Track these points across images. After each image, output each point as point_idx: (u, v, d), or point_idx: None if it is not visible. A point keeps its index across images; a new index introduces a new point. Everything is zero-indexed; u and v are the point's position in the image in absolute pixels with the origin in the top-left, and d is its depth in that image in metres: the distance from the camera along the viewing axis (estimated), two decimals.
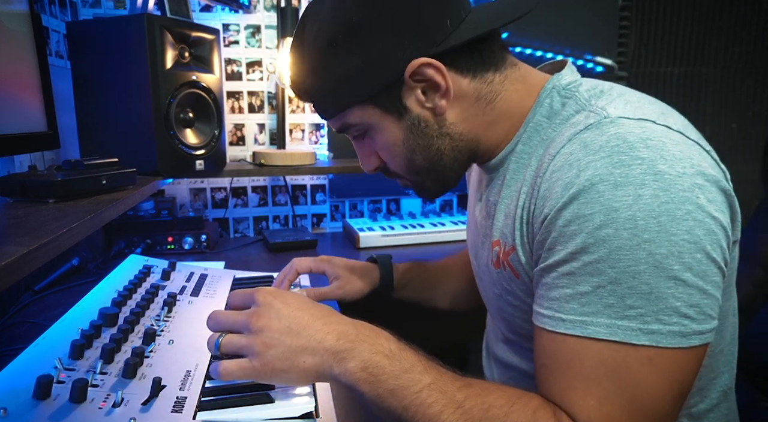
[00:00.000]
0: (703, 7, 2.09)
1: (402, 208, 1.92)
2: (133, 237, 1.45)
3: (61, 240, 0.65)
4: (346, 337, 0.56)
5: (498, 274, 0.69)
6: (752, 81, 2.19)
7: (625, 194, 0.50)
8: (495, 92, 0.66)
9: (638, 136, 0.53)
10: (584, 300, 0.52)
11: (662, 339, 0.49)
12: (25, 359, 0.64)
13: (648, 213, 0.49)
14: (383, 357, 0.55)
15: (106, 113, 1.26)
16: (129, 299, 0.85)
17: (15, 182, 0.86)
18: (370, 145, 0.72)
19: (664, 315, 0.49)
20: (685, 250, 0.49)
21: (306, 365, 0.56)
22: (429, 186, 0.74)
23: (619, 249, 0.50)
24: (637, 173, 0.51)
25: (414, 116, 0.66)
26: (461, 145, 0.68)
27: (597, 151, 0.53)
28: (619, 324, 0.50)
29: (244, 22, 1.70)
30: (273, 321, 0.58)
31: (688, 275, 0.50)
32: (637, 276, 0.49)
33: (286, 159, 1.60)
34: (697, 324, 0.50)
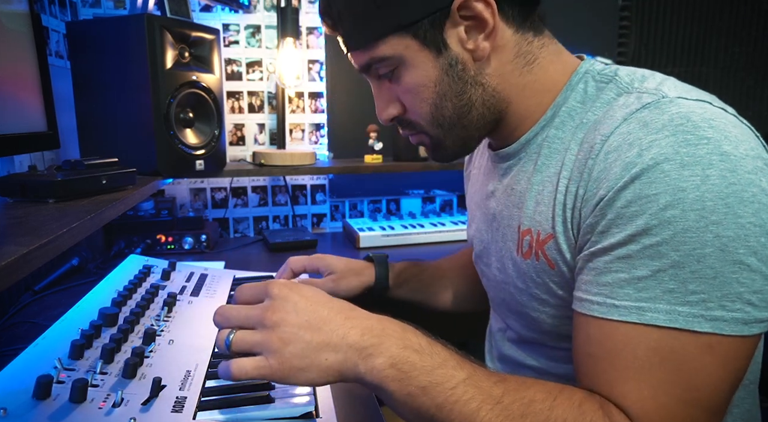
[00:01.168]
0: (703, 7, 2.09)
1: (402, 207, 1.92)
2: (133, 237, 1.45)
3: (61, 240, 0.65)
4: (372, 332, 0.52)
5: (527, 265, 0.66)
6: (752, 81, 2.19)
7: (693, 174, 0.48)
8: (533, 55, 0.64)
9: (701, 116, 0.51)
10: (641, 285, 0.49)
11: (725, 326, 0.47)
12: (25, 359, 0.64)
13: (716, 194, 0.47)
14: (413, 352, 0.51)
15: (106, 113, 1.26)
16: (129, 299, 0.85)
17: (15, 182, 0.86)
18: (393, 89, 0.66)
19: (728, 301, 0.47)
20: (751, 234, 0.48)
21: (328, 363, 0.52)
22: (449, 143, 0.68)
23: (685, 232, 0.48)
24: (703, 153, 0.49)
25: (453, 55, 0.61)
26: (492, 101, 0.65)
27: (660, 129, 0.51)
28: (680, 310, 0.48)
29: (244, 22, 1.70)
30: (290, 315, 0.53)
31: (753, 260, 0.48)
32: (702, 259, 0.47)
33: (286, 159, 1.60)
34: (759, 311, 0.48)
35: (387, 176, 1.89)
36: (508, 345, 0.79)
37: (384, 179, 1.89)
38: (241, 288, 0.60)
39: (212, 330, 0.80)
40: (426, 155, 1.69)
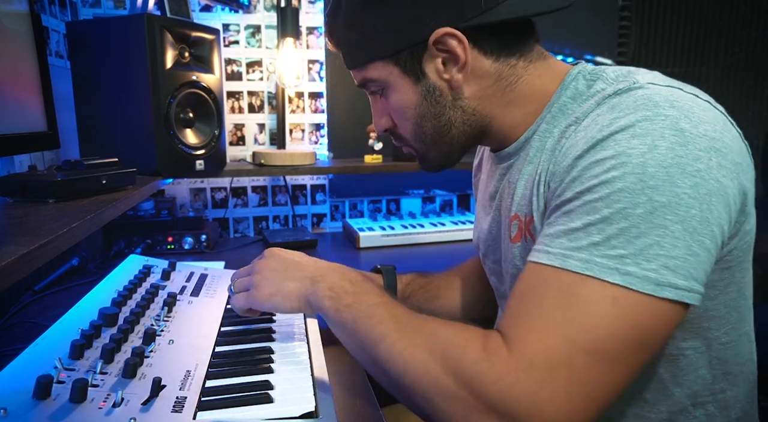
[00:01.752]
0: (703, 7, 2.09)
1: (402, 207, 1.92)
2: (133, 237, 1.45)
3: (61, 240, 0.65)
4: (323, 269, 0.71)
5: (518, 248, 0.69)
6: (752, 81, 2.19)
7: (642, 143, 0.51)
8: (517, 76, 0.68)
9: (665, 97, 0.55)
10: (573, 235, 0.53)
11: (635, 281, 0.49)
12: (25, 359, 0.64)
13: (659, 162, 0.50)
14: (348, 282, 0.68)
15: (106, 113, 1.26)
16: (129, 299, 0.85)
17: (15, 182, 0.86)
18: (385, 105, 0.73)
19: (644, 260, 0.49)
20: (683, 204, 0.50)
21: (289, 289, 0.72)
22: (432, 157, 0.75)
23: (620, 191, 0.51)
24: (658, 127, 0.52)
25: (430, 83, 0.68)
26: (472, 119, 0.70)
27: (623, 109, 0.55)
28: (598, 261, 0.50)
29: (244, 22, 1.70)
30: (271, 262, 0.76)
31: (679, 228, 0.50)
32: (629, 218, 0.50)
33: (286, 159, 1.60)
34: (675, 277, 0.49)
35: (387, 176, 1.89)
36: None
37: (384, 179, 1.89)
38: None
39: (212, 330, 0.81)
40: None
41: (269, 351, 0.74)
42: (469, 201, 1.97)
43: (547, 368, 0.49)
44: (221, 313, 0.88)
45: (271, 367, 0.69)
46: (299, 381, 0.67)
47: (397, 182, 1.91)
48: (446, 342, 0.55)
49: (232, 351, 0.75)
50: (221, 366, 0.70)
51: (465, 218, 1.79)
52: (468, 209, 1.98)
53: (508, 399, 0.49)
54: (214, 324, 0.83)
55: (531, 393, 0.49)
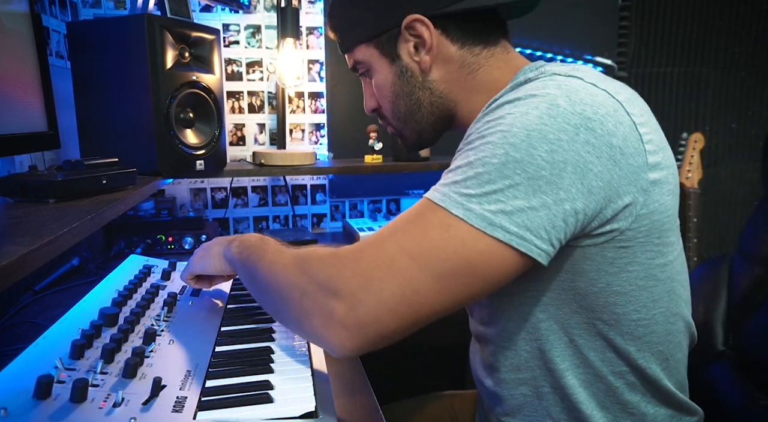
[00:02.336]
0: (703, 7, 2.10)
1: (402, 207, 1.93)
2: (133, 237, 1.45)
3: (61, 240, 0.65)
4: (242, 236, 0.81)
5: None
6: (752, 81, 2.19)
7: (517, 110, 0.59)
8: (478, 64, 0.75)
9: (557, 82, 0.61)
10: (447, 175, 0.61)
11: (471, 216, 0.56)
12: (26, 359, 0.64)
13: (524, 125, 0.57)
14: (257, 239, 0.77)
15: (107, 113, 1.26)
16: (129, 299, 0.85)
17: (15, 182, 0.86)
18: (371, 86, 0.83)
19: (486, 202, 0.56)
20: (535, 164, 0.55)
21: (214, 251, 0.84)
22: (407, 134, 0.84)
23: (487, 143, 0.58)
24: (536, 101, 0.59)
25: (404, 64, 0.77)
26: (439, 102, 0.78)
27: (520, 90, 0.62)
28: (452, 196, 0.57)
29: (244, 22, 1.70)
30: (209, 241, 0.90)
31: (524, 184, 0.55)
32: (485, 165, 0.57)
33: (286, 159, 1.60)
34: (509, 223, 0.55)
35: (387, 176, 1.89)
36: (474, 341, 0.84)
37: (384, 179, 1.89)
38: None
39: (212, 330, 0.81)
40: (426, 155, 1.69)
41: (269, 351, 0.75)
42: None
43: (373, 260, 0.57)
44: (221, 313, 0.88)
45: (271, 367, 0.69)
46: (299, 380, 0.67)
47: (397, 182, 1.91)
48: (311, 253, 0.65)
49: (233, 351, 0.75)
50: (221, 366, 0.70)
51: None
52: None
53: (335, 278, 0.58)
54: (214, 324, 0.83)
55: (351, 276, 0.58)
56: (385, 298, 0.56)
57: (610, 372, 0.67)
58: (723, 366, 1.00)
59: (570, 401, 0.68)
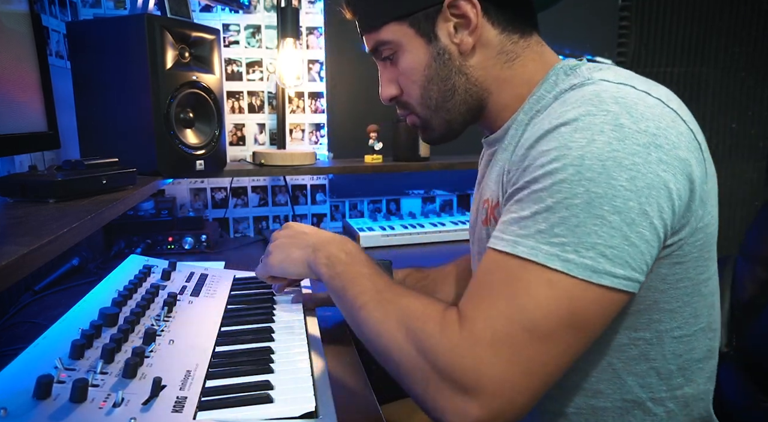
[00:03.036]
0: (703, 7, 2.09)
1: (402, 207, 1.92)
2: (133, 237, 1.45)
3: (61, 240, 0.65)
4: (324, 239, 0.80)
5: (485, 232, 0.73)
6: (752, 81, 2.19)
7: (582, 137, 0.55)
8: (515, 54, 0.72)
9: (611, 94, 0.57)
10: (523, 223, 0.56)
11: (573, 268, 0.52)
12: (26, 359, 0.64)
13: (597, 155, 0.53)
14: (343, 253, 0.75)
15: (106, 113, 1.26)
16: (129, 299, 0.85)
17: (15, 182, 0.86)
18: (393, 72, 0.76)
19: (583, 248, 0.52)
20: (620, 195, 0.53)
21: (295, 255, 0.82)
22: (435, 124, 0.77)
23: (561, 182, 0.54)
24: (599, 122, 0.55)
25: (441, 46, 0.71)
26: (474, 90, 0.73)
27: (572, 103, 0.58)
28: (542, 248, 0.54)
29: (244, 22, 1.70)
30: (284, 236, 0.86)
31: (615, 218, 0.52)
32: (569, 208, 0.53)
33: (286, 159, 1.60)
34: (611, 266, 0.52)
35: (387, 176, 1.89)
36: None
37: (384, 179, 1.89)
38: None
39: (212, 330, 0.81)
40: (426, 155, 1.69)
41: (269, 351, 0.74)
42: (469, 201, 1.97)
43: (490, 344, 0.53)
44: (221, 313, 0.88)
45: (271, 367, 0.69)
46: (299, 381, 0.67)
47: (397, 182, 1.91)
48: (412, 314, 0.60)
49: (233, 351, 0.75)
50: (221, 366, 0.70)
51: (465, 218, 1.79)
52: (468, 209, 1.97)
53: (458, 371, 0.54)
54: (214, 324, 0.83)
55: (476, 367, 0.53)
56: (516, 383, 0.52)
57: (650, 399, 0.65)
58: (726, 367, 1.00)
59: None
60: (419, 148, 1.67)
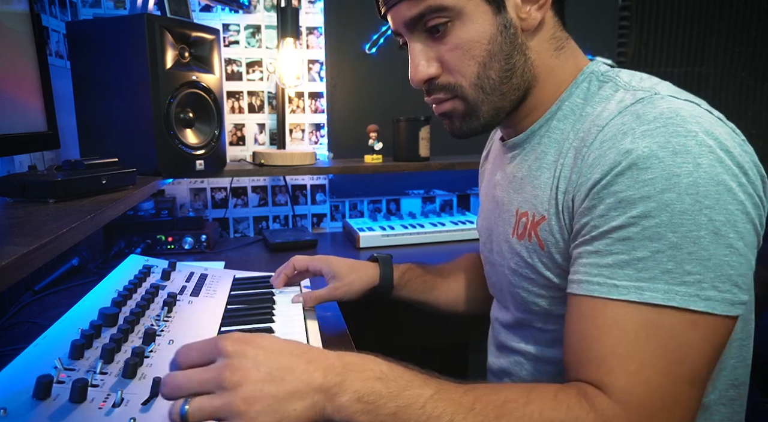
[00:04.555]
0: (703, 7, 2.09)
1: (402, 207, 1.92)
2: (133, 237, 1.45)
3: (61, 240, 0.65)
4: (334, 371, 0.51)
5: (520, 246, 0.69)
6: (752, 81, 2.19)
7: (685, 161, 0.51)
8: (562, 42, 0.69)
9: (689, 113, 0.55)
10: (641, 265, 0.51)
11: (716, 305, 0.50)
12: (25, 359, 0.64)
13: (708, 180, 0.51)
14: (376, 381, 0.50)
15: (106, 113, 1.26)
16: (129, 299, 0.85)
17: (15, 182, 0.86)
18: (437, 48, 0.66)
19: (720, 282, 0.50)
20: (739, 220, 0.51)
21: (297, 412, 0.49)
22: (484, 110, 0.68)
23: (681, 214, 0.50)
24: (693, 144, 0.52)
25: (508, 18, 0.64)
26: (528, 75, 0.67)
27: (651, 121, 0.54)
28: (677, 289, 0.50)
29: (244, 22, 1.70)
30: (251, 372, 0.49)
31: (741, 244, 0.51)
32: (697, 241, 0.50)
33: (286, 159, 1.60)
34: (743, 294, 0.51)
35: (387, 176, 1.89)
36: (504, 331, 0.82)
37: (384, 179, 1.89)
38: (185, 350, 0.53)
39: (212, 330, 0.80)
40: (426, 155, 1.69)
41: None
42: (469, 201, 1.97)
43: (662, 410, 0.49)
44: (221, 313, 0.88)
45: None
46: None
47: (397, 182, 1.91)
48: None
49: None
50: None
51: (465, 218, 1.79)
52: (468, 209, 1.97)
53: None
54: (214, 324, 0.83)
55: None
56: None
57: None
58: None
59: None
60: (419, 148, 1.67)
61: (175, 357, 0.53)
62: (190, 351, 0.53)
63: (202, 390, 0.49)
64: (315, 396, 0.49)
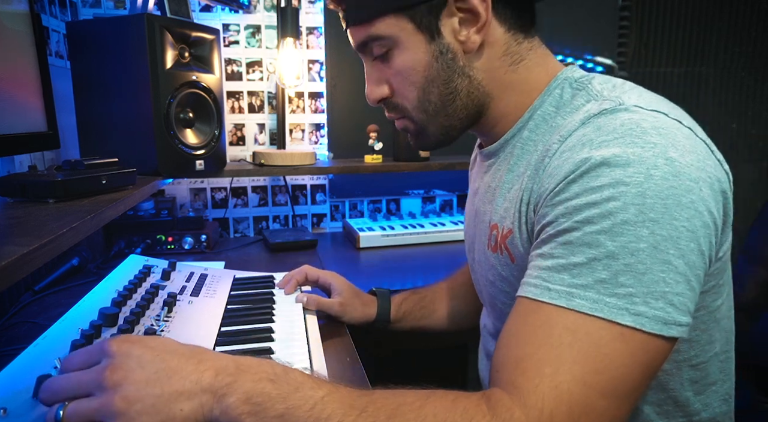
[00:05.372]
0: (703, 7, 2.09)
1: (402, 207, 1.92)
2: (133, 237, 1.45)
3: (61, 240, 0.65)
4: (226, 371, 0.49)
5: (494, 259, 0.69)
6: (752, 81, 2.19)
7: (637, 172, 0.50)
8: (520, 55, 0.67)
9: (651, 124, 0.53)
10: (576, 271, 0.50)
11: (646, 322, 0.48)
12: (25, 359, 0.64)
13: (657, 193, 0.49)
14: (268, 382, 0.48)
15: (106, 113, 1.26)
16: (129, 299, 0.85)
17: (15, 182, 0.86)
18: (385, 71, 0.68)
19: (652, 298, 0.48)
20: (683, 237, 0.49)
21: (184, 413, 0.46)
22: (432, 130, 0.70)
23: (623, 223, 0.49)
24: (649, 155, 0.51)
25: (445, 43, 0.64)
26: (476, 93, 0.67)
27: (611, 132, 0.54)
28: (607, 300, 0.48)
29: (244, 22, 1.70)
30: (134, 372, 0.47)
31: (680, 262, 0.49)
32: (635, 253, 0.49)
33: (286, 159, 1.60)
34: (678, 314, 0.49)
35: (387, 176, 1.89)
36: (490, 339, 0.82)
37: (384, 179, 1.89)
38: (71, 355, 0.52)
39: (212, 330, 0.80)
40: (426, 155, 1.69)
41: (269, 351, 0.74)
42: None
43: (568, 419, 0.46)
44: (221, 313, 0.88)
45: None
46: None
47: (397, 182, 1.91)
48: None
49: (232, 351, 0.75)
50: None
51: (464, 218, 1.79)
52: None
53: None
54: (214, 324, 0.83)
55: None
56: None
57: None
58: None
59: None
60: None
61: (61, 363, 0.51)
62: (74, 355, 0.52)
63: (80, 393, 0.48)
64: (203, 396, 0.47)
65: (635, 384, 0.49)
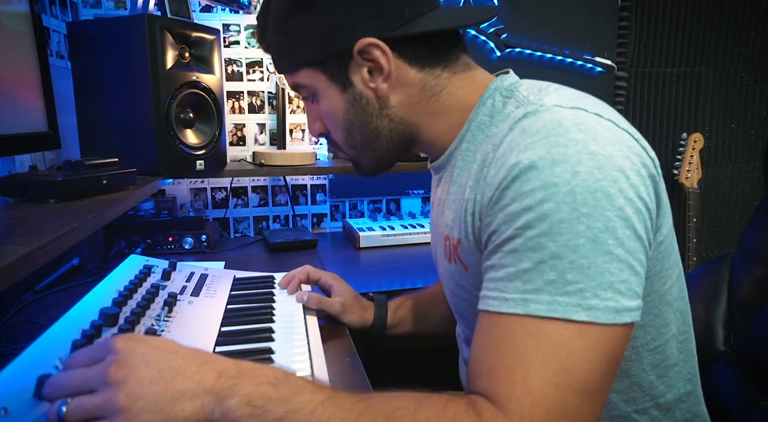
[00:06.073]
0: (703, 7, 2.09)
1: (402, 207, 1.93)
2: (133, 237, 1.45)
3: (61, 240, 0.65)
4: (228, 374, 0.50)
5: (451, 268, 0.70)
6: (752, 81, 2.19)
7: (564, 170, 0.52)
8: (441, 86, 0.69)
9: (572, 121, 0.55)
10: (527, 277, 0.51)
11: (599, 314, 0.49)
12: (26, 359, 0.64)
13: (585, 188, 0.51)
14: (268, 386, 0.49)
15: (107, 113, 1.26)
16: (129, 299, 0.85)
17: (16, 182, 0.86)
18: (317, 110, 0.74)
19: (601, 290, 0.50)
20: (618, 226, 0.51)
21: (186, 413, 0.47)
22: (365, 163, 0.76)
23: (560, 223, 0.50)
24: (572, 152, 0.52)
25: (357, 92, 0.68)
26: (400, 128, 0.71)
27: (534, 134, 0.55)
28: (560, 300, 0.50)
29: (245, 23, 1.70)
30: (139, 369, 0.48)
31: (620, 251, 0.51)
32: (577, 250, 0.50)
33: (287, 159, 1.60)
34: (627, 300, 0.51)
35: (387, 176, 1.88)
36: (464, 346, 0.82)
37: (384, 179, 1.89)
38: (76, 353, 0.53)
39: (212, 330, 0.81)
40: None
41: (269, 351, 0.75)
42: None
43: (548, 420, 0.48)
44: (221, 313, 0.88)
45: None
46: None
47: (397, 182, 1.91)
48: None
49: (232, 351, 0.75)
50: None
51: None
52: None
53: None
54: (214, 324, 0.83)
55: None
56: None
57: (634, 411, 0.65)
58: (724, 366, 1.00)
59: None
60: None
61: (66, 361, 0.52)
62: (79, 353, 0.53)
63: (84, 389, 0.48)
64: (205, 398, 0.48)
65: (603, 375, 0.50)
